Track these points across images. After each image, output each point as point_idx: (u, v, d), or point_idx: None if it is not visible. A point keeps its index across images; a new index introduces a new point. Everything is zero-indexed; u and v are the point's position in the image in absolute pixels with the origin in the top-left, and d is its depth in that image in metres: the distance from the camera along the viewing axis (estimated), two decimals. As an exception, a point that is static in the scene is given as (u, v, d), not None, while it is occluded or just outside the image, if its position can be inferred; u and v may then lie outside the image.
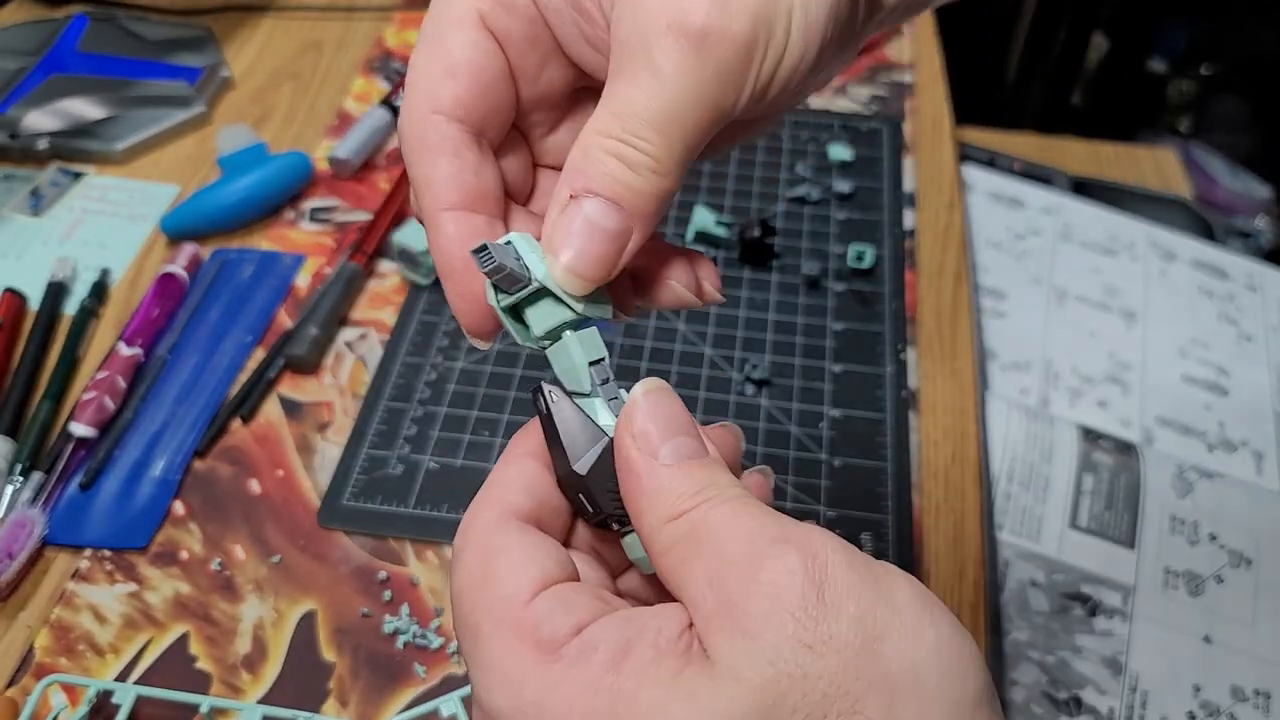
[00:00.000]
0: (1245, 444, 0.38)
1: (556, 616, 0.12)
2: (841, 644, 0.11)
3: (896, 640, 0.11)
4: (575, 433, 0.14)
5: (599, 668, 0.12)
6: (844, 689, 0.11)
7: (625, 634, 0.12)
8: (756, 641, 0.11)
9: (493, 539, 0.13)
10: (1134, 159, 0.55)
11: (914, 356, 0.34)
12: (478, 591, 0.13)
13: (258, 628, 0.27)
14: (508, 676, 0.12)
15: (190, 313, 0.35)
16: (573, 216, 0.13)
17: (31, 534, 0.28)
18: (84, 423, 0.30)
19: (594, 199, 0.13)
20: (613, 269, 0.14)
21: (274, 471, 0.30)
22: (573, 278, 0.13)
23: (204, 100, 0.43)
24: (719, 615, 0.12)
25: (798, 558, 0.11)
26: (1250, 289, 0.45)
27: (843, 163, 0.41)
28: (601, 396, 0.14)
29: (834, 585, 0.11)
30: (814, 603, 0.11)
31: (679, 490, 0.13)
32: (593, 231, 0.13)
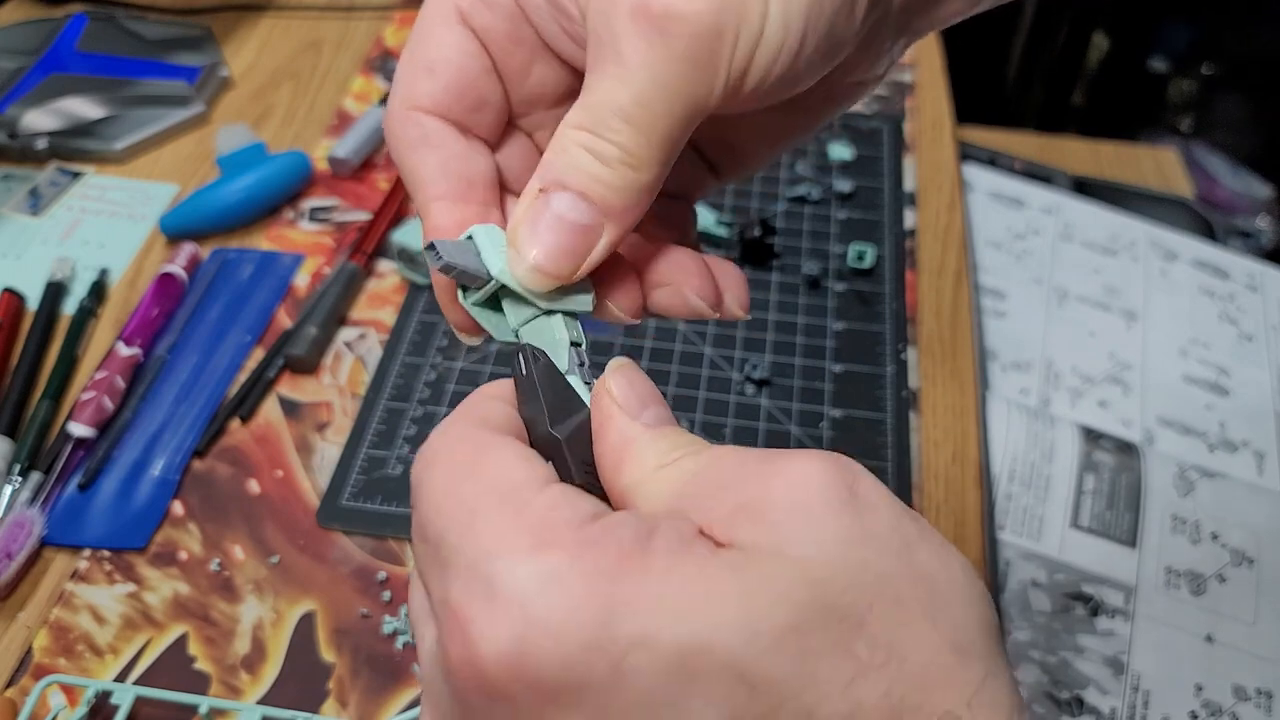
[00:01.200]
0: (1246, 444, 0.38)
1: (575, 500, 0.11)
2: (883, 539, 0.11)
3: (927, 552, 0.11)
4: (554, 396, 0.13)
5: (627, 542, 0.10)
6: (889, 580, 0.10)
7: (646, 523, 0.11)
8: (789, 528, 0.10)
9: (484, 435, 0.12)
10: (1135, 158, 0.55)
11: (914, 356, 0.34)
12: (469, 479, 0.11)
13: (257, 628, 0.27)
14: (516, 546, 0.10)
15: (189, 312, 0.35)
16: (540, 210, 0.13)
17: (30, 534, 0.28)
18: (83, 423, 0.30)
19: (563, 193, 0.13)
20: (579, 266, 0.13)
21: (273, 471, 0.30)
22: (536, 274, 0.13)
23: (203, 99, 0.43)
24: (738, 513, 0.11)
25: (821, 459, 0.11)
26: (1251, 289, 0.45)
27: (843, 162, 0.41)
28: (579, 376, 0.14)
29: (865, 489, 0.11)
30: (848, 498, 0.11)
31: (664, 444, 0.12)
32: (559, 226, 0.13)
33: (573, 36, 0.14)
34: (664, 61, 0.12)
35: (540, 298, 0.13)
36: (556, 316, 0.14)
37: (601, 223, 0.13)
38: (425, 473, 0.12)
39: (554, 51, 0.15)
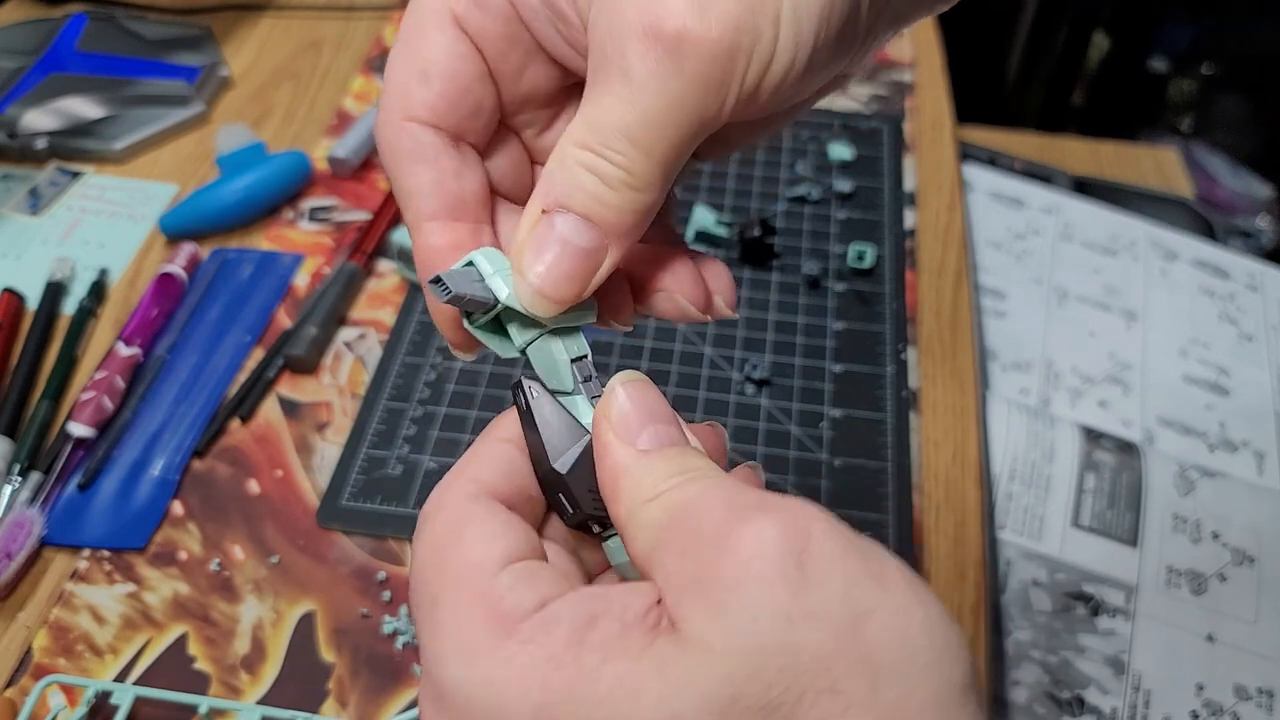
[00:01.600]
0: (1246, 444, 0.38)
1: (520, 590, 0.12)
2: (824, 617, 0.10)
3: (885, 618, 0.10)
4: (556, 430, 0.14)
5: (559, 642, 0.11)
6: (825, 665, 0.10)
7: (590, 608, 0.11)
8: (731, 613, 0.10)
9: (464, 507, 0.13)
10: (1135, 158, 0.55)
11: (914, 356, 0.34)
12: (442, 558, 0.12)
13: (256, 628, 0.27)
14: (462, 646, 0.11)
15: (189, 312, 0.35)
16: (543, 233, 0.13)
17: (30, 534, 0.28)
18: (82, 423, 0.30)
19: (566, 215, 0.13)
20: (584, 289, 0.13)
21: (273, 471, 0.30)
22: (541, 299, 0.13)
23: (203, 99, 0.43)
24: (690, 587, 0.11)
25: (775, 526, 0.11)
26: (1251, 289, 0.45)
27: (843, 162, 0.41)
28: (584, 394, 0.14)
29: (817, 556, 0.11)
30: (793, 573, 0.10)
31: (656, 473, 0.12)
32: (564, 249, 0.13)
33: (569, 41, 0.14)
34: (675, 83, 0.12)
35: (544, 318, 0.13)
36: (552, 337, 0.14)
37: (605, 245, 0.13)
38: (420, 529, 0.13)
39: (547, 52, 0.15)
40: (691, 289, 0.15)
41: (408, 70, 0.14)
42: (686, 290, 0.15)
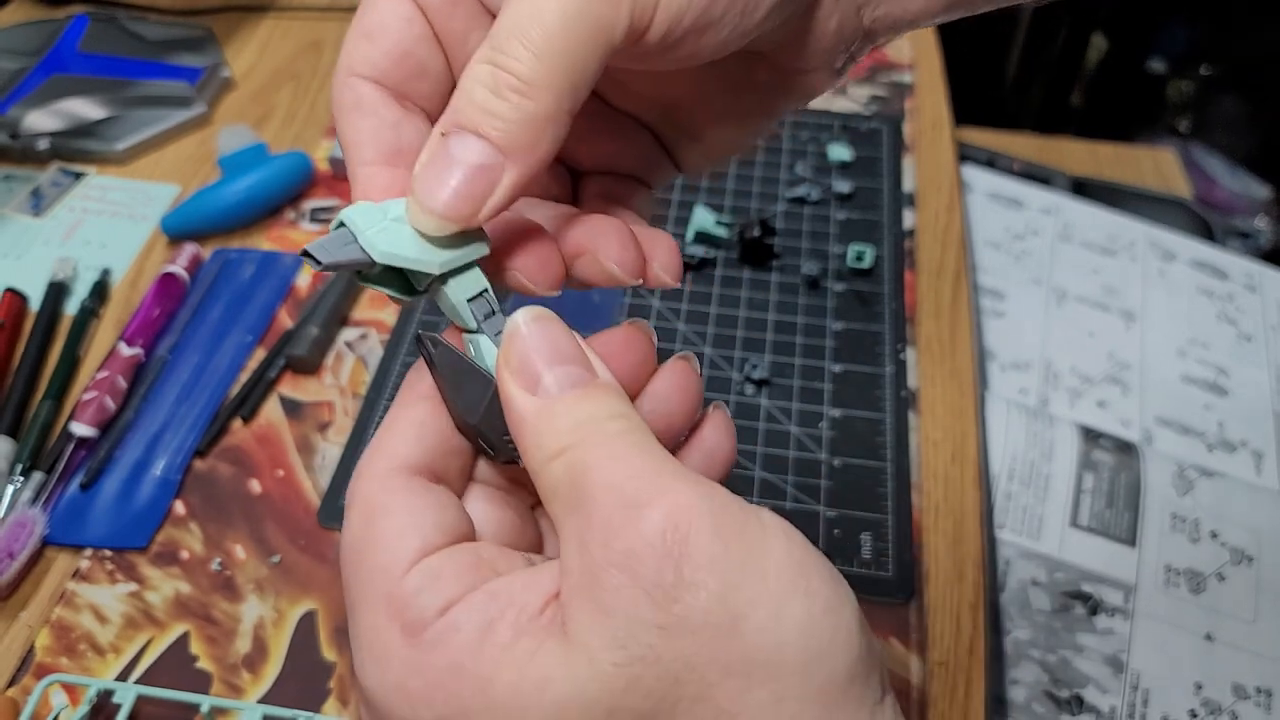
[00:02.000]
0: (1245, 444, 0.39)
1: (424, 595, 0.12)
2: (696, 625, 0.10)
3: (760, 618, 0.10)
4: (461, 378, 0.13)
5: (459, 651, 0.11)
6: (697, 673, 0.10)
7: (488, 613, 0.11)
8: (612, 620, 0.10)
9: (376, 497, 0.13)
10: (1133, 159, 0.55)
11: (913, 356, 0.34)
12: (358, 558, 0.12)
13: (258, 627, 0.27)
14: (375, 655, 0.12)
15: (191, 313, 0.35)
16: (438, 154, 0.12)
17: (32, 534, 0.28)
18: (85, 422, 0.30)
19: (460, 133, 0.12)
20: (477, 209, 0.12)
21: (274, 471, 0.30)
22: (428, 216, 0.12)
23: (204, 100, 0.43)
24: (581, 587, 0.11)
25: (657, 527, 0.11)
26: (1250, 289, 0.45)
27: (842, 163, 0.41)
28: (487, 333, 0.14)
29: (693, 559, 0.10)
30: (670, 579, 0.10)
31: (558, 426, 0.12)
32: (455, 168, 0.12)
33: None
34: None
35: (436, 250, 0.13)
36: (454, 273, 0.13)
37: (500, 162, 0.12)
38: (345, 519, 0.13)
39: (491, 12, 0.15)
40: (620, 252, 0.14)
41: (356, 30, 0.14)
42: (614, 253, 0.14)
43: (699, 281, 0.36)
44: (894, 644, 0.26)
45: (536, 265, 0.14)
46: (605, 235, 0.14)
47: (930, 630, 0.27)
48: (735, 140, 0.16)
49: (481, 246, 0.13)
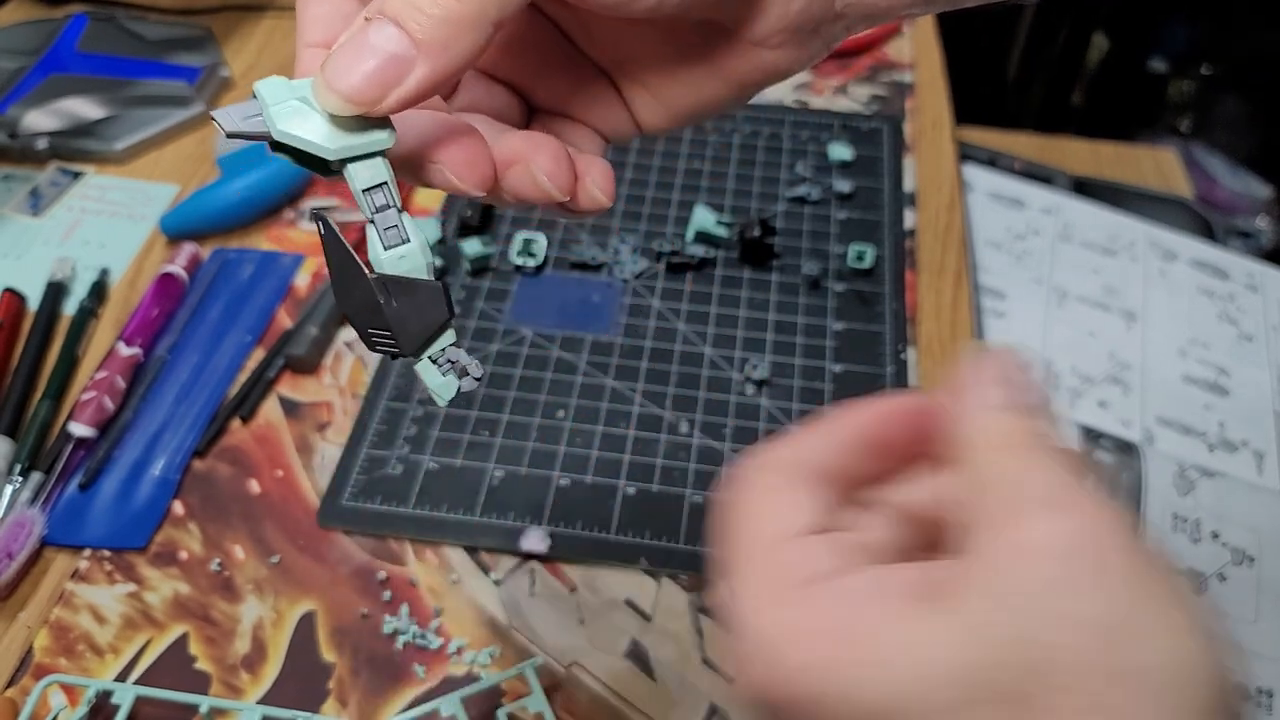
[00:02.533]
0: (1246, 444, 0.38)
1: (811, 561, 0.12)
2: (1096, 625, 0.11)
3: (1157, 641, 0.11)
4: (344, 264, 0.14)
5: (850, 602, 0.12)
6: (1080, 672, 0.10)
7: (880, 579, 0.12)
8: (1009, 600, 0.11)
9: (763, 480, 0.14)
10: (1134, 159, 0.55)
11: (914, 357, 0.34)
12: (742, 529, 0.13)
13: (257, 628, 0.27)
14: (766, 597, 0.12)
15: (190, 313, 0.35)
16: (354, 38, 0.13)
17: (31, 534, 0.28)
18: (83, 423, 0.30)
19: (380, 20, 0.12)
20: (381, 96, 0.12)
21: (273, 471, 0.30)
22: (333, 96, 0.13)
23: (204, 100, 0.43)
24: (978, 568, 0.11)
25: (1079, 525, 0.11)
26: (1251, 289, 0.45)
27: (843, 162, 0.41)
28: (377, 225, 0.14)
29: (1107, 565, 0.11)
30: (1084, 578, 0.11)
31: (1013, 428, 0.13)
32: (367, 52, 0.12)
33: None
34: None
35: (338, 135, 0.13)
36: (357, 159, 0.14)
37: (414, 56, 0.12)
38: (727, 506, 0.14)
39: None
40: (552, 166, 0.14)
41: None
42: (546, 165, 0.14)
43: (699, 281, 0.36)
44: (894, 645, 0.26)
45: (464, 161, 0.14)
46: (539, 147, 0.14)
47: (931, 631, 0.27)
48: (692, 104, 0.16)
49: (385, 138, 0.14)
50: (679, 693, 0.25)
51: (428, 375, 0.15)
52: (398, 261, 0.14)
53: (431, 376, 0.15)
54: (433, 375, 0.15)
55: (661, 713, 0.25)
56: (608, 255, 0.37)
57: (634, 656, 0.26)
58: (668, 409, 0.32)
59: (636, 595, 0.27)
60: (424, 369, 0.15)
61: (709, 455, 0.30)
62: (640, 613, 0.27)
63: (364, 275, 0.14)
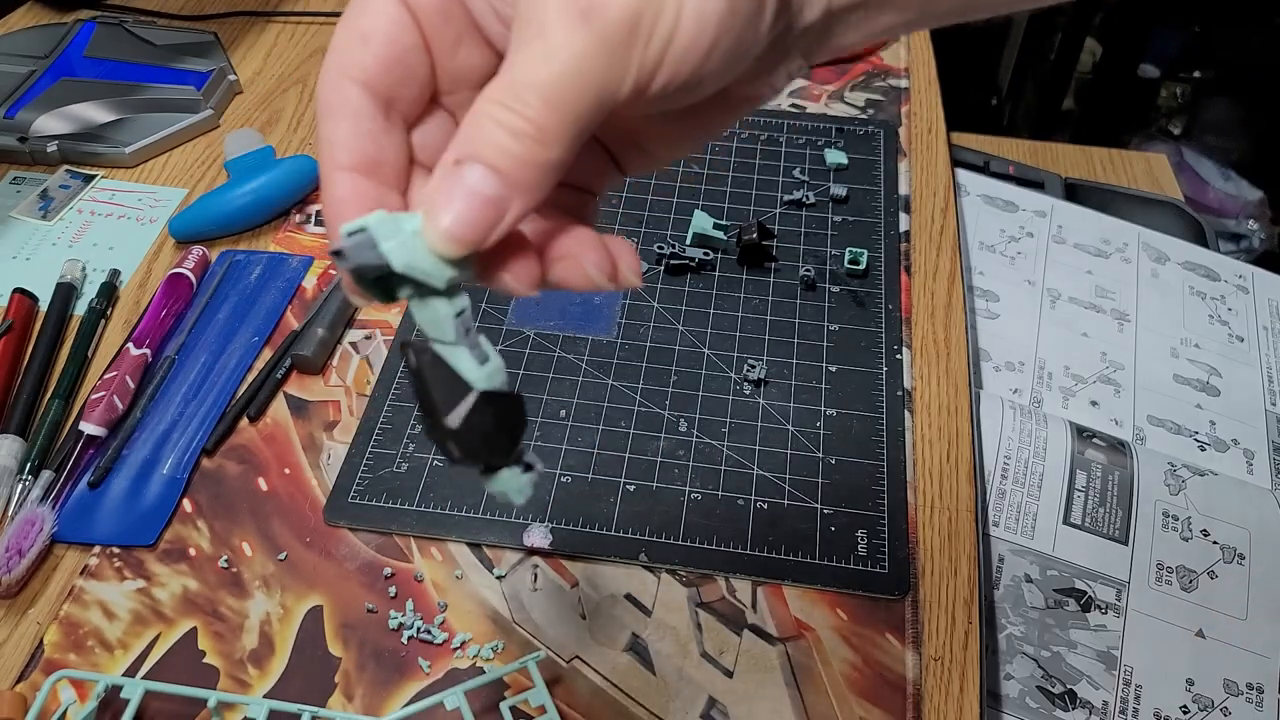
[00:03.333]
0: (1236, 443, 0.39)
1: None
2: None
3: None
4: (445, 385, 0.14)
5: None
6: None
7: None
8: None
9: None
10: (1126, 162, 0.55)
11: (909, 357, 0.34)
12: None
13: (264, 623, 0.27)
14: None
15: (198, 314, 0.35)
16: (454, 182, 0.14)
17: (41, 531, 0.28)
18: (93, 422, 0.31)
19: (475, 165, 0.13)
20: (488, 235, 0.14)
21: (281, 470, 0.31)
22: (447, 241, 0.14)
23: (211, 105, 0.44)
24: None
25: None
26: (1241, 290, 0.46)
27: (839, 167, 0.42)
28: (465, 347, 0.15)
29: None
30: None
31: None
32: (471, 197, 0.13)
33: (502, 19, 0.15)
34: (583, 47, 0.13)
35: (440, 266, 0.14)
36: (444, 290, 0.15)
37: (510, 196, 0.14)
38: None
39: (482, 33, 0.16)
40: (598, 258, 0.16)
41: (349, 33, 0.15)
42: (593, 259, 0.15)
43: (698, 284, 0.37)
44: (889, 639, 0.27)
45: (522, 269, 0.15)
46: (583, 243, 0.16)
47: (925, 626, 0.27)
48: (681, 153, 0.17)
49: (468, 269, 0.15)
50: (678, 686, 0.26)
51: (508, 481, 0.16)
52: (490, 377, 0.15)
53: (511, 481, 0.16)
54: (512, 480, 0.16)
55: (661, 705, 0.25)
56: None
57: (634, 650, 0.26)
58: (667, 408, 0.32)
59: (636, 590, 0.28)
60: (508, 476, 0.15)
61: (707, 453, 0.31)
62: (640, 607, 0.27)
63: (472, 393, 0.14)
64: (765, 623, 0.27)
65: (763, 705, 0.25)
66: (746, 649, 0.26)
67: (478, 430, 0.14)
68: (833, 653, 0.26)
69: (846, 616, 0.27)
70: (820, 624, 0.27)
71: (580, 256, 0.15)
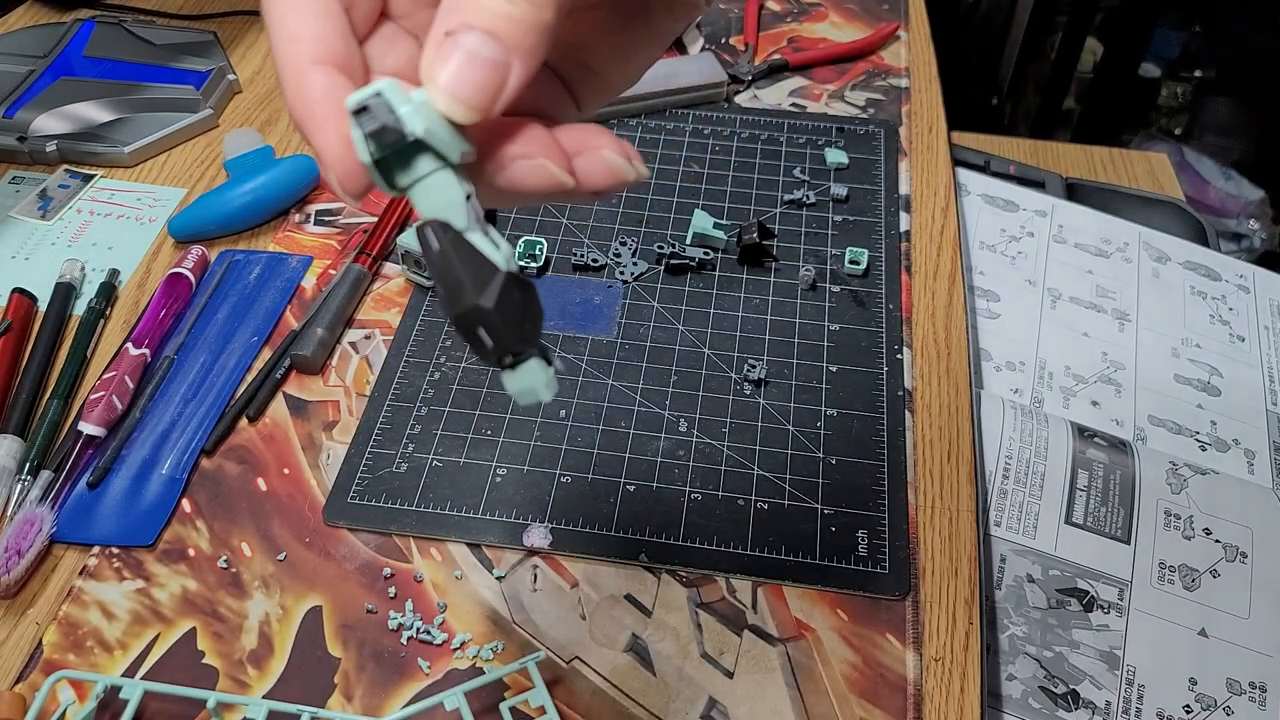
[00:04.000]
0: (1237, 443, 0.39)
1: None
2: None
3: None
4: (473, 266, 0.14)
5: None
6: None
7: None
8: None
9: None
10: (1127, 162, 0.55)
11: (909, 357, 0.34)
12: None
13: (264, 623, 0.27)
14: None
15: (197, 314, 0.35)
16: (450, 49, 0.13)
17: (40, 531, 0.28)
18: (92, 422, 0.31)
19: (470, 31, 0.13)
20: (495, 100, 0.13)
21: (280, 470, 0.31)
22: (456, 104, 0.13)
23: (211, 104, 0.44)
24: None
25: None
26: (1242, 290, 0.46)
27: (839, 167, 0.42)
28: (479, 231, 0.14)
29: None
30: None
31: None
32: (474, 61, 0.13)
33: None
34: None
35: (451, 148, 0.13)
36: (447, 172, 0.14)
37: (510, 60, 0.13)
38: None
39: None
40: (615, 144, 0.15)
41: None
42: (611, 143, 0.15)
43: (698, 284, 0.37)
44: (890, 640, 0.27)
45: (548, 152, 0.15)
46: (598, 134, 0.15)
47: (926, 626, 0.27)
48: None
49: (471, 150, 0.14)
50: (678, 686, 0.26)
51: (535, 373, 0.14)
52: (508, 261, 0.14)
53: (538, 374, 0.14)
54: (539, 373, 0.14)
55: (661, 706, 0.25)
56: (608, 258, 0.37)
57: (634, 651, 0.26)
58: (667, 408, 0.32)
59: (636, 590, 0.28)
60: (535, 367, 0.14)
61: (708, 453, 0.31)
62: (640, 607, 0.27)
63: (500, 273, 0.14)
64: (765, 623, 0.27)
65: (763, 706, 0.25)
66: (747, 649, 0.26)
67: (509, 313, 0.14)
68: (833, 653, 0.26)
69: (847, 617, 0.27)
70: (821, 624, 0.27)
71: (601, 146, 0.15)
